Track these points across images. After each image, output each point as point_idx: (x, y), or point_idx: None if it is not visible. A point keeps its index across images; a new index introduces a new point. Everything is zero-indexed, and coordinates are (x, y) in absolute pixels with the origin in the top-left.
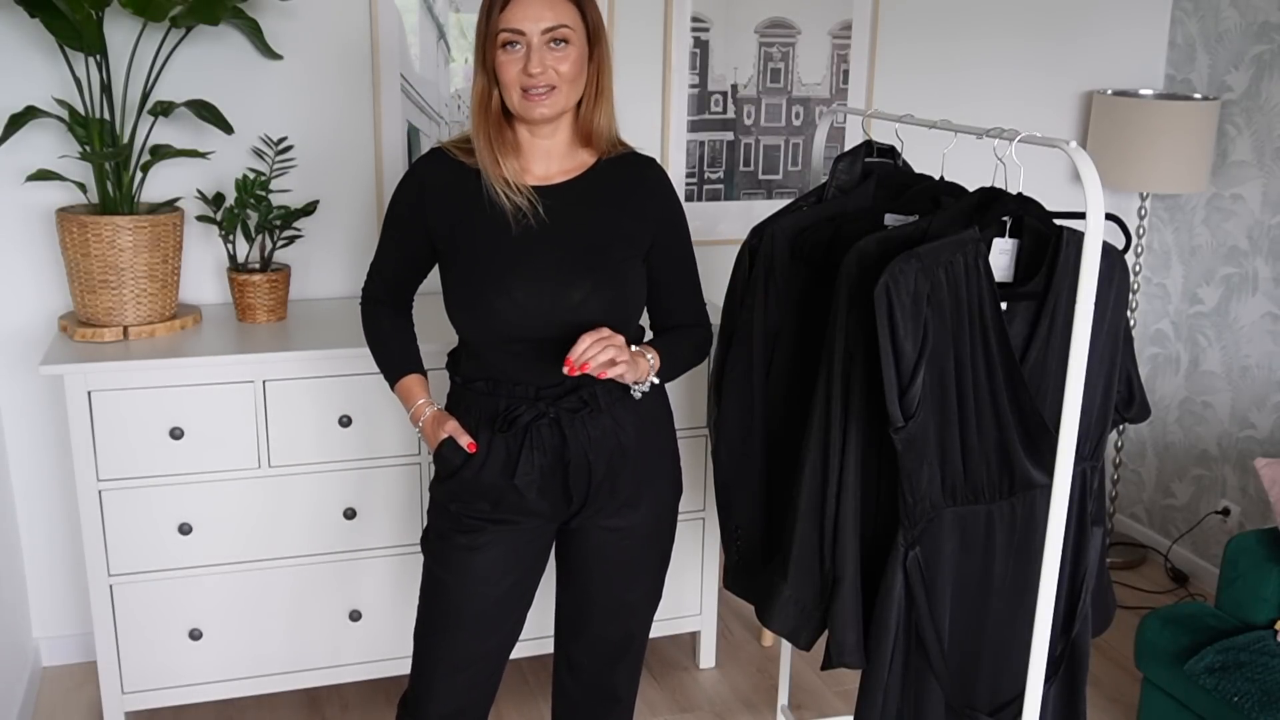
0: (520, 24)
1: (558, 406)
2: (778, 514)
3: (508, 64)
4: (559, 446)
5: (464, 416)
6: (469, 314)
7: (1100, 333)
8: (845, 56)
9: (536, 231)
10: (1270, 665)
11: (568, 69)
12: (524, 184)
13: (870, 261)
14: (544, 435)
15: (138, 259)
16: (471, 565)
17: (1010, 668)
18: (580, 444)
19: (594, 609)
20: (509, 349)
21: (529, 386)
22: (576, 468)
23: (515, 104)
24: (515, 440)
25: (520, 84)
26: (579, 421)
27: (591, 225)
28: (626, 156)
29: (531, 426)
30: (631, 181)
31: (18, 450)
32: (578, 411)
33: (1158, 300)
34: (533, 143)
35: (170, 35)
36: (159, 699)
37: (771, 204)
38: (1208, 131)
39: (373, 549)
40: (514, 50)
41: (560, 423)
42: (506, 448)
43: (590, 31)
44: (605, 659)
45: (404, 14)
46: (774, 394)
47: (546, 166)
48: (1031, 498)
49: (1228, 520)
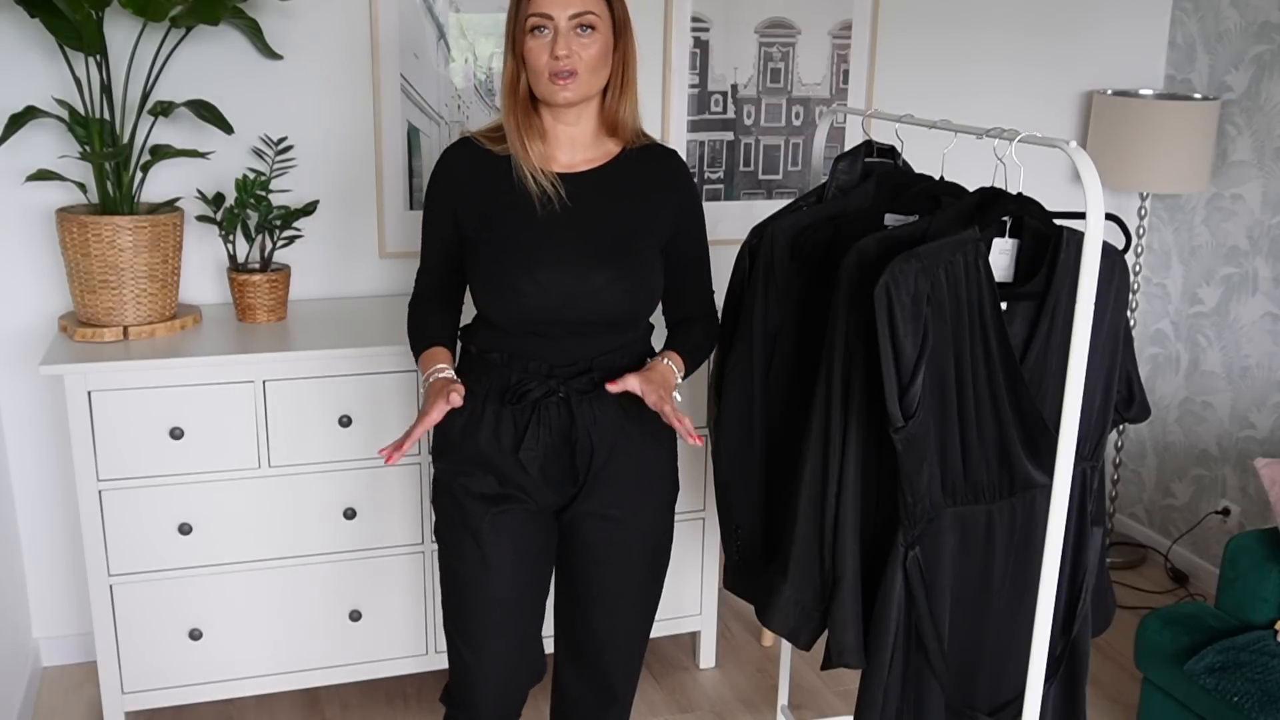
0: (549, 9)
1: (569, 386)
2: (778, 514)
3: (537, 49)
4: (566, 425)
5: (474, 385)
6: (494, 294)
7: (1100, 333)
8: (845, 56)
9: (561, 217)
10: (1270, 665)
11: (593, 55)
12: (549, 170)
13: (870, 261)
14: (552, 413)
15: (138, 259)
16: (483, 555)
17: (1010, 668)
18: (585, 424)
19: (591, 604)
20: (529, 328)
21: (543, 363)
22: (581, 448)
23: (542, 88)
24: (524, 415)
25: (548, 68)
26: (587, 402)
27: (615, 213)
28: (650, 148)
29: (541, 403)
30: (654, 173)
31: (18, 450)
32: (588, 392)
33: (1158, 300)
34: (558, 129)
35: (170, 35)
36: (159, 699)
37: (771, 204)
38: (1208, 131)
39: (373, 549)
40: (542, 35)
41: (569, 401)
42: (514, 422)
43: (616, 22)
44: (603, 655)
45: (404, 14)
46: (774, 394)
47: (571, 154)
48: (1031, 498)
49: (1228, 520)
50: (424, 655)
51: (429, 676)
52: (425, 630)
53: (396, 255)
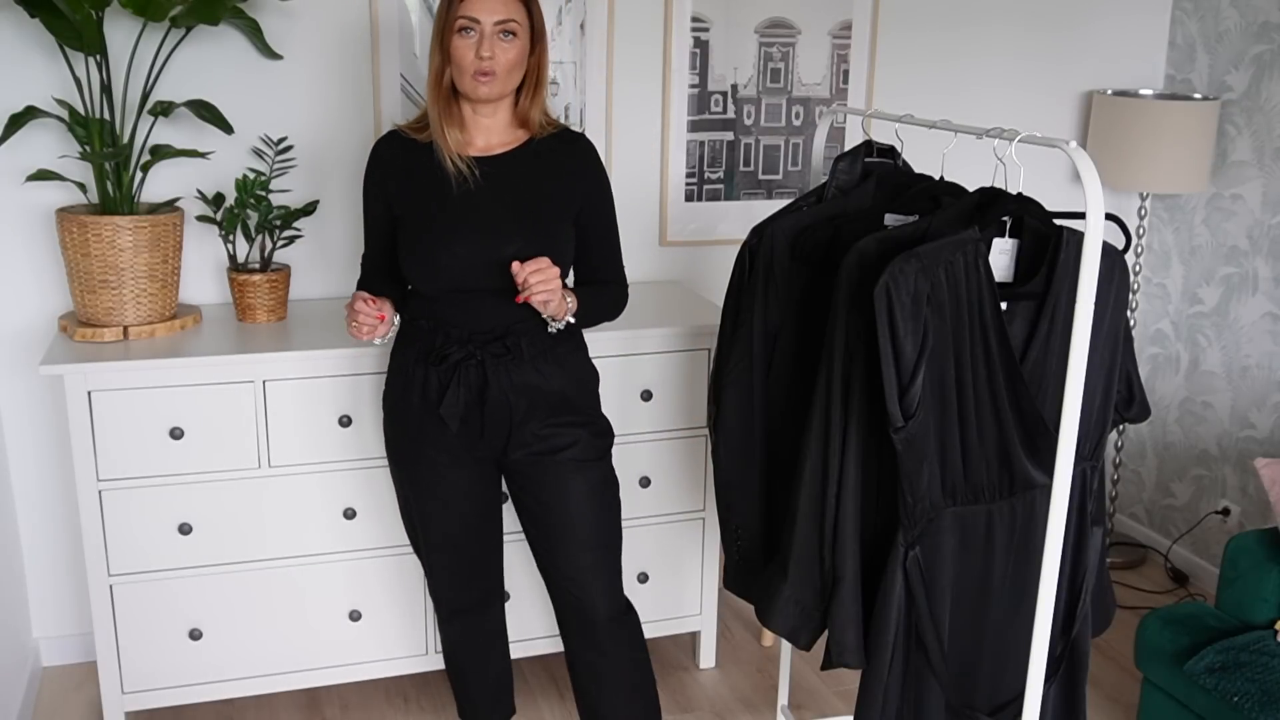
0: (477, 13)
1: (484, 351)
2: (778, 514)
3: (463, 47)
4: (481, 385)
5: (406, 349)
6: (417, 265)
7: (1100, 333)
8: (845, 56)
9: (475, 195)
10: (1270, 665)
11: (510, 59)
12: (466, 154)
13: (870, 261)
14: (470, 374)
15: (138, 259)
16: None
17: (1010, 668)
18: (501, 386)
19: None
20: (450, 297)
21: (464, 330)
22: (496, 405)
23: (465, 83)
24: (445, 375)
25: (472, 66)
26: (502, 366)
27: (524, 189)
28: (560, 133)
29: (461, 365)
30: (562, 153)
31: (18, 450)
32: (500, 357)
33: (1158, 300)
34: (475, 120)
35: (170, 35)
36: (159, 699)
37: (771, 204)
38: (1208, 131)
39: (373, 549)
40: (469, 36)
41: (485, 365)
42: (439, 380)
43: (535, 31)
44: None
45: (404, 14)
46: (774, 394)
47: (487, 139)
48: (1031, 498)
49: (1228, 520)
50: (424, 655)
51: (429, 676)
52: (425, 630)
53: None
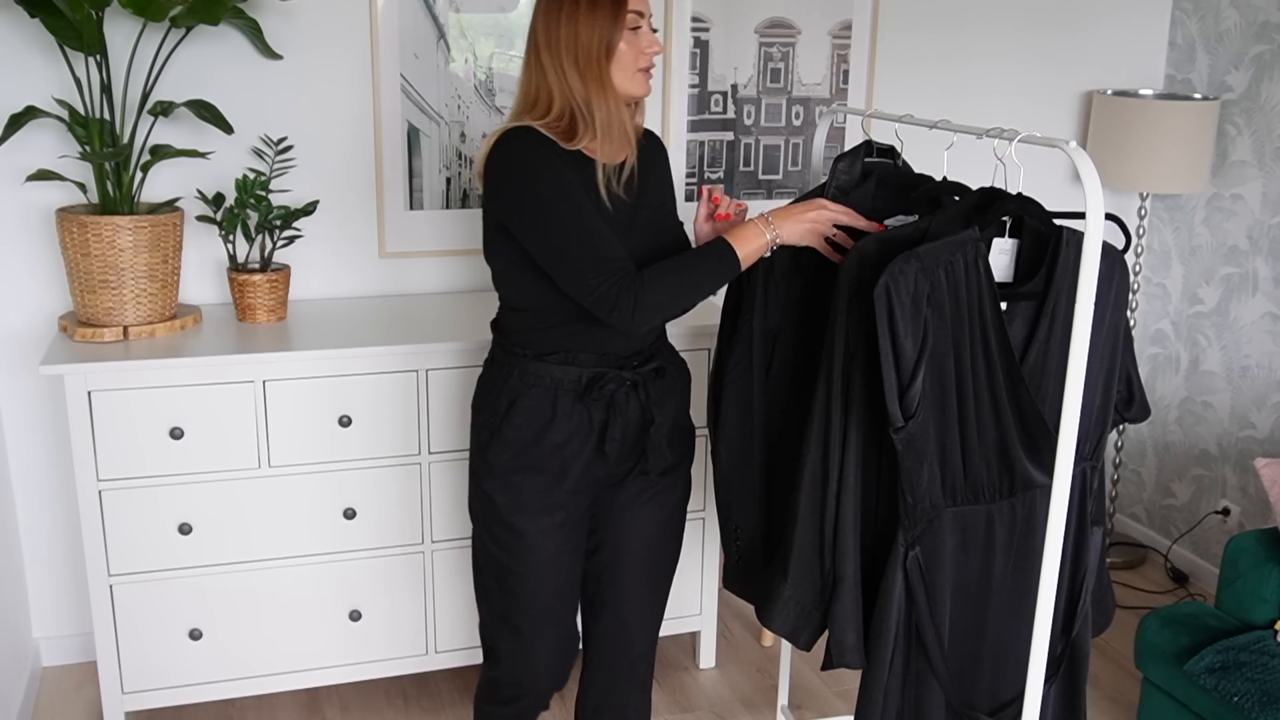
0: (643, 6)
1: (638, 373)
2: (778, 514)
3: (633, 44)
4: (640, 412)
5: (530, 388)
6: None
7: (1100, 333)
8: (845, 56)
9: (629, 204)
10: (1270, 665)
11: None
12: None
13: (870, 262)
14: (628, 402)
15: (138, 259)
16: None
17: (1010, 668)
18: (655, 408)
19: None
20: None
21: (613, 356)
22: (656, 429)
23: (633, 83)
24: (600, 409)
25: (642, 61)
26: (655, 387)
27: (654, 191)
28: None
29: (616, 394)
30: (653, 150)
31: (18, 450)
32: (657, 379)
33: (1158, 300)
34: None
35: (170, 35)
36: (159, 699)
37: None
38: (1208, 131)
39: (373, 549)
40: (638, 32)
41: (642, 388)
42: (590, 416)
43: None
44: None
45: (404, 14)
46: (774, 394)
47: None
48: (1031, 498)
49: (1228, 520)
50: (424, 655)
51: (429, 676)
52: (425, 630)
53: (396, 255)
